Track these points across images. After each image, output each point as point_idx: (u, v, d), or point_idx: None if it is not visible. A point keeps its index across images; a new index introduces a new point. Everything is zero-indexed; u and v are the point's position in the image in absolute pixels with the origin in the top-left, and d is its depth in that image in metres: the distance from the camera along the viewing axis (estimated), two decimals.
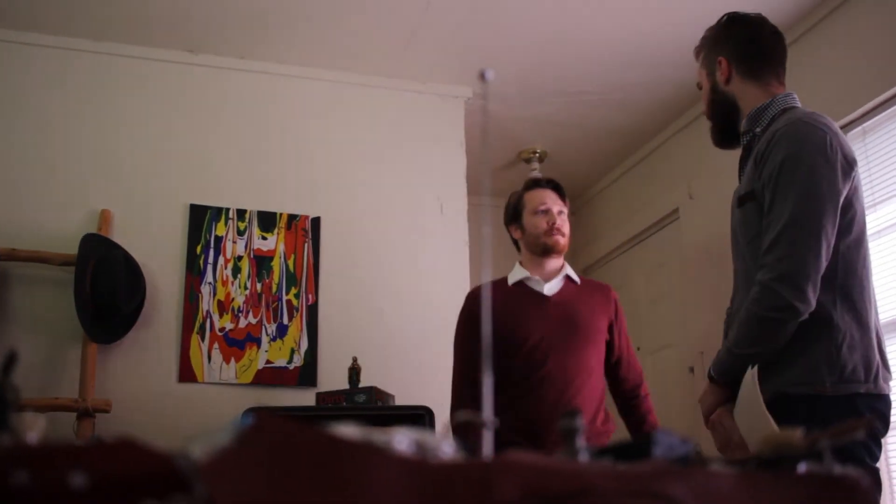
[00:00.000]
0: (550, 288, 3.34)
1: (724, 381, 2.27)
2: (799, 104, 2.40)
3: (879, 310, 3.65)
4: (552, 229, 3.34)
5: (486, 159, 5.11)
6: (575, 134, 5.39)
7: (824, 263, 2.15)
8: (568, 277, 3.41)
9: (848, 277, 2.21)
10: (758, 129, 2.36)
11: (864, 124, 3.86)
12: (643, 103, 4.99)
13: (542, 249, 3.34)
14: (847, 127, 3.92)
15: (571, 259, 6.43)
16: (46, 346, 3.84)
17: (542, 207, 3.36)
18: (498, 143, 5.42)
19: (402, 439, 0.65)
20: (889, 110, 3.75)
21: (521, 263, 3.42)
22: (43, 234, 3.96)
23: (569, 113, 5.12)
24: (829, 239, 2.16)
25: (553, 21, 4.22)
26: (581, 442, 0.79)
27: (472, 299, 3.42)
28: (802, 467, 0.83)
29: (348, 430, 0.64)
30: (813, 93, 4.08)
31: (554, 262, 3.39)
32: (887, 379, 2.18)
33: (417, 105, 4.75)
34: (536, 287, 3.34)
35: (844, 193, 2.20)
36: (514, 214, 3.45)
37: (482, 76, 0.90)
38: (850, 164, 2.22)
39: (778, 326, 2.15)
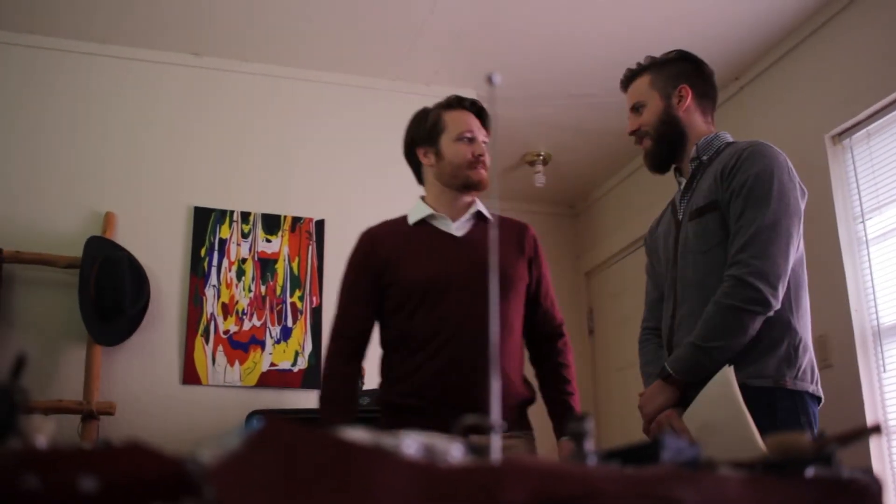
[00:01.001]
0: (460, 227, 2.75)
1: (683, 379, 2.35)
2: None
3: (882, 314, 3.68)
4: (477, 161, 2.74)
5: (496, 162, 5.11)
6: (579, 137, 5.39)
7: (790, 268, 2.33)
8: (479, 215, 2.80)
9: (798, 289, 2.40)
10: (704, 158, 2.55)
11: (869, 127, 3.85)
12: None
13: (463, 183, 2.73)
14: (852, 130, 3.92)
15: (575, 262, 6.44)
16: (51, 349, 3.84)
17: (468, 134, 2.75)
18: (502, 146, 5.42)
19: (410, 443, 0.65)
20: (893, 113, 3.74)
21: (424, 199, 2.83)
22: (47, 236, 3.96)
23: (573, 116, 5.12)
24: (795, 246, 2.36)
25: (557, 24, 4.22)
26: (589, 446, 0.79)
27: (370, 239, 2.79)
28: (810, 471, 0.83)
29: (357, 434, 0.64)
30: (817, 96, 4.08)
31: (466, 199, 2.78)
32: (819, 383, 2.40)
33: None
34: (443, 226, 2.75)
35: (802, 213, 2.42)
36: (428, 136, 2.80)
37: (490, 80, 0.90)
38: (803, 190, 2.44)
39: (749, 319, 2.28)
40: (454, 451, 0.68)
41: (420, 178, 2.89)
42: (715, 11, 4.08)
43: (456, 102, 2.84)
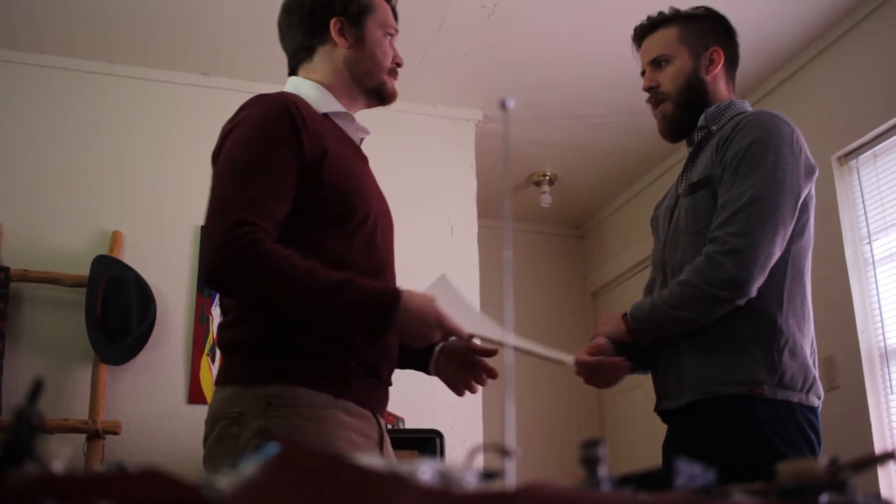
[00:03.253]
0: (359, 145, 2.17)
1: (634, 327, 2.18)
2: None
3: (890, 335, 3.67)
4: (395, 71, 2.14)
5: (506, 184, 5.12)
6: (585, 157, 5.40)
7: (777, 253, 2.06)
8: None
9: (795, 282, 2.12)
10: (714, 128, 2.28)
11: (875, 148, 3.86)
12: (653, 126, 4.99)
13: (376, 88, 2.12)
14: (858, 151, 3.93)
15: (581, 283, 6.44)
16: (57, 367, 3.85)
17: (393, 31, 2.13)
18: (509, 165, 5.43)
19: (426, 469, 0.65)
20: None
21: (323, 84, 2.09)
22: (55, 255, 3.98)
23: (579, 136, 5.13)
24: (786, 229, 2.08)
25: (563, 45, 4.24)
26: (603, 471, 0.79)
27: (297, 110, 1.92)
28: (825, 498, 0.82)
29: (373, 460, 0.64)
30: (824, 116, 4.09)
31: (361, 107, 2.18)
32: (819, 394, 2.09)
33: (428, 128, 4.77)
34: (349, 131, 2.11)
35: (804, 193, 2.13)
36: (356, 11, 2.07)
37: (503, 105, 0.90)
38: (811, 168, 2.16)
39: (715, 303, 2.04)
40: (469, 476, 0.68)
41: (308, 54, 2.13)
42: None
43: None
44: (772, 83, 4.46)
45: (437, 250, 4.54)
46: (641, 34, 2.44)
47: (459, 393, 2.12)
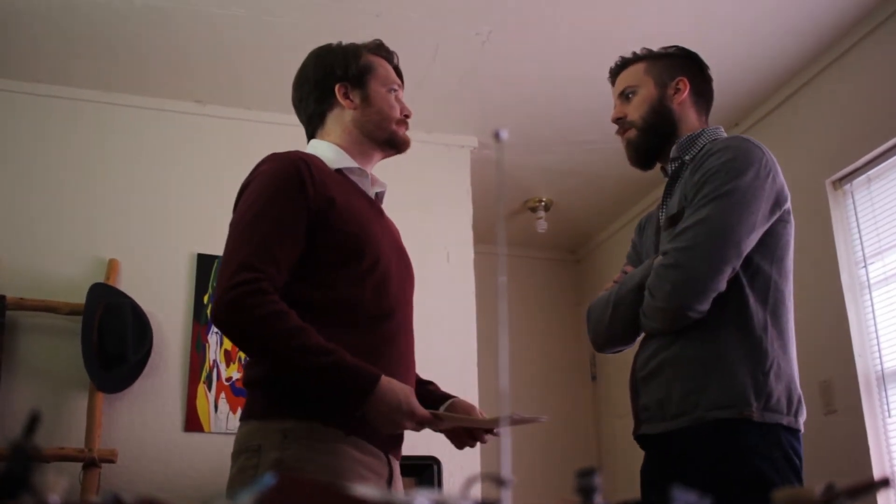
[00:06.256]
0: (376, 196, 2.31)
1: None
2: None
3: (886, 358, 3.67)
4: (405, 121, 2.30)
5: (500, 214, 5.11)
6: (580, 182, 5.41)
7: (725, 273, 2.05)
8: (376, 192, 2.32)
9: (778, 305, 2.12)
10: (687, 157, 2.28)
11: (869, 172, 3.88)
12: None
13: (389, 139, 2.26)
14: (852, 175, 3.94)
15: (576, 308, 6.43)
16: (53, 396, 3.84)
17: (396, 86, 2.31)
18: (504, 193, 5.44)
19: (422, 500, 0.65)
20: (894, 158, 3.76)
21: (338, 145, 2.22)
22: (51, 283, 3.97)
23: (574, 162, 5.15)
24: (740, 249, 2.06)
25: (557, 71, 4.26)
26: (598, 500, 0.79)
27: (306, 166, 2.04)
28: None
29: (368, 490, 0.64)
30: (817, 141, 4.11)
31: (377, 159, 2.33)
32: (803, 417, 2.08)
33: (423, 154, 4.77)
34: (363, 185, 2.23)
35: (769, 219, 2.13)
36: (357, 74, 2.24)
37: (496, 136, 0.91)
38: (780, 192, 2.17)
39: (661, 312, 2.08)
40: None
41: (321, 120, 2.27)
42: (714, 58, 4.09)
43: (385, 52, 2.34)
44: (765, 108, 4.49)
45: (433, 276, 4.54)
46: (614, 73, 2.50)
47: (459, 447, 2.21)
